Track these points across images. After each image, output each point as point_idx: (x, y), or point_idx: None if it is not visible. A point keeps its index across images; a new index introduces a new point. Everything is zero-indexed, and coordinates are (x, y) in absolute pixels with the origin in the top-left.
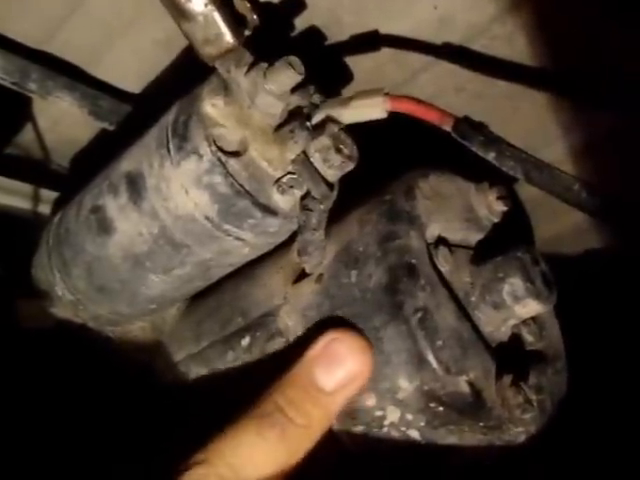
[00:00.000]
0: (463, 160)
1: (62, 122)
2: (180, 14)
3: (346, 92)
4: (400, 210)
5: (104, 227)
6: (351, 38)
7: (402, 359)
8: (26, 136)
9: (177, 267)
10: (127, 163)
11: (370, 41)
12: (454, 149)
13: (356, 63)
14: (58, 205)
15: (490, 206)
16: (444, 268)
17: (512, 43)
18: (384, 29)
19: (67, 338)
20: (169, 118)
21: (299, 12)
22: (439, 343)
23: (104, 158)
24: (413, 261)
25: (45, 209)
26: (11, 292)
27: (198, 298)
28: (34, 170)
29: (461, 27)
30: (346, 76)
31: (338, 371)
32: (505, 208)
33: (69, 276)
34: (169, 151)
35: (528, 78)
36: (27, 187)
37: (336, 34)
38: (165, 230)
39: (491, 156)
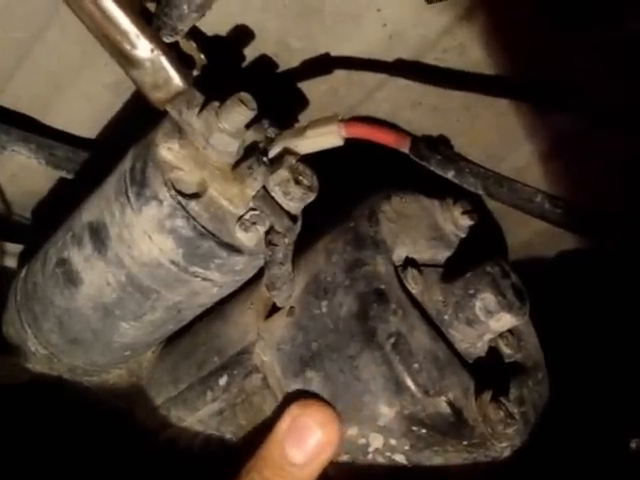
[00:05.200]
0: (427, 173)
1: (20, 174)
2: (127, 61)
3: (303, 118)
4: (364, 236)
5: (71, 279)
6: (302, 63)
7: (380, 385)
8: None
9: (148, 313)
10: (88, 213)
11: (322, 65)
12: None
13: (310, 88)
14: (23, 258)
15: (456, 222)
16: (414, 289)
17: (464, 54)
18: (335, 51)
19: (44, 392)
20: (125, 166)
21: (247, 42)
22: (415, 366)
23: (65, 207)
24: (382, 287)
25: (11, 263)
26: None
27: (172, 340)
28: None
29: (412, 42)
30: (301, 102)
31: (308, 444)
32: (471, 222)
33: (41, 330)
34: (129, 199)
35: (484, 87)
36: None
37: (287, 61)
38: (132, 277)
39: (450, 174)
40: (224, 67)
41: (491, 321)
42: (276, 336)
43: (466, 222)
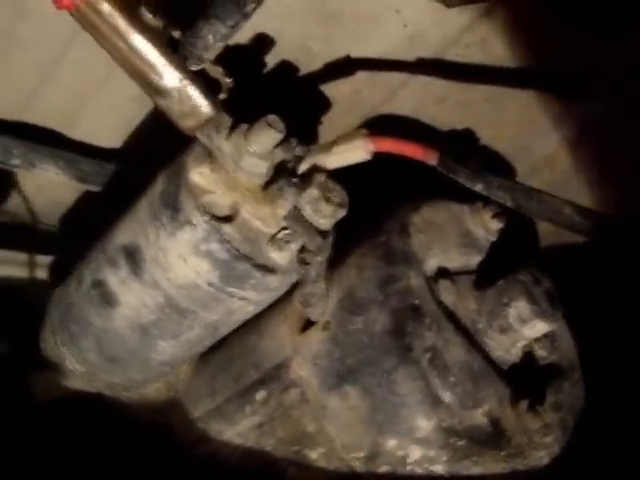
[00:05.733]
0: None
1: (48, 186)
2: (155, 92)
3: (327, 120)
4: (396, 251)
5: (107, 300)
6: (324, 67)
7: (417, 399)
8: (13, 202)
9: (185, 332)
10: (122, 236)
11: (344, 67)
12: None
13: (333, 90)
14: (53, 269)
15: (486, 226)
16: (448, 300)
17: (485, 49)
18: (356, 53)
19: (83, 408)
20: (157, 190)
21: (269, 49)
22: (451, 380)
23: (93, 217)
24: (416, 302)
25: (41, 274)
26: (21, 369)
27: (208, 352)
28: (25, 236)
29: (433, 41)
30: (325, 105)
31: None
32: (501, 225)
33: (79, 349)
34: (162, 223)
35: (507, 80)
36: (21, 255)
37: (308, 65)
38: (170, 299)
39: (479, 187)
40: (246, 75)
41: (525, 329)
42: (312, 351)
43: (496, 225)
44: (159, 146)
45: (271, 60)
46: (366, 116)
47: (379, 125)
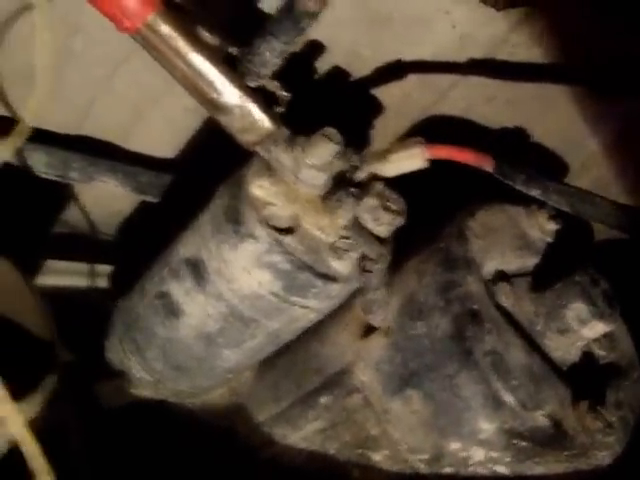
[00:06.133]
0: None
1: (105, 196)
2: (215, 109)
3: (378, 124)
4: (455, 256)
5: (172, 311)
6: (374, 71)
7: (479, 402)
8: (72, 213)
9: (248, 340)
10: (185, 249)
11: (394, 70)
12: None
13: (383, 93)
14: (113, 278)
15: (542, 227)
16: (506, 303)
17: (533, 47)
18: (406, 56)
19: (149, 414)
20: (218, 204)
21: (319, 55)
22: (513, 383)
23: (150, 226)
24: (475, 307)
25: (102, 283)
26: (86, 377)
27: (270, 359)
28: (85, 246)
29: (482, 41)
30: (376, 108)
31: None
32: (557, 227)
33: (145, 359)
34: (225, 236)
35: (555, 77)
36: (81, 265)
37: (359, 69)
38: (233, 309)
39: (535, 192)
40: (299, 83)
41: (584, 330)
42: (374, 356)
43: (552, 227)
44: (214, 156)
45: (322, 66)
46: (416, 118)
47: (429, 126)
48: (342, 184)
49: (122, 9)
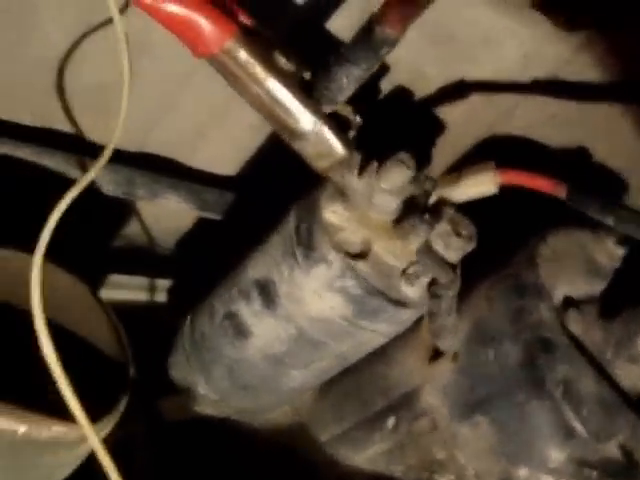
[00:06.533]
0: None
1: (166, 212)
2: (291, 135)
3: (441, 142)
4: (526, 283)
5: (241, 332)
6: (438, 90)
7: (550, 431)
8: (132, 228)
9: (316, 361)
10: (254, 271)
11: (457, 89)
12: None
13: (447, 112)
14: (171, 293)
15: (610, 253)
16: (576, 330)
17: (596, 69)
18: (469, 75)
19: (212, 430)
20: (290, 227)
21: (383, 74)
22: (585, 412)
23: (209, 243)
24: (547, 335)
25: (161, 297)
26: (150, 394)
27: (334, 379)
28: (144, 260)
29: (547, 60)
30: (439, 126)
31: None
32: (625, 251)
33: (211, 377)
34: (297, 260)
35: (617, 97)
36: (141, 279)
37: (423, 88)
38: (302, 331)
39: (609, 220)
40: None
41: None
42: (442, 380)
43: (620, 252)
44: (277, 174)
45: (385, 87)
46: (480, 137)
47: (492, 145)
48: (414, 209)
49: (199, 34)
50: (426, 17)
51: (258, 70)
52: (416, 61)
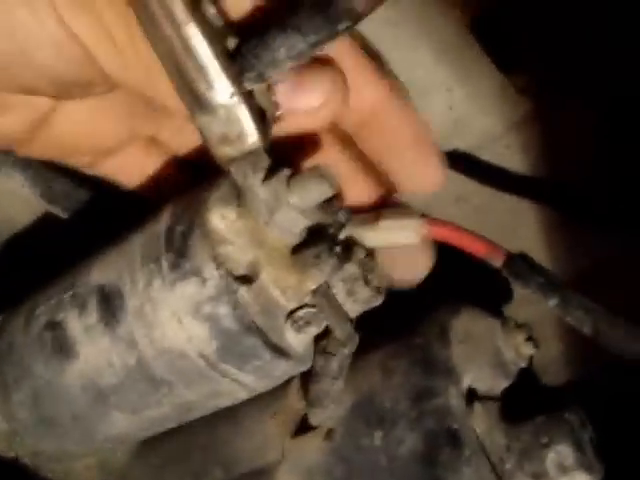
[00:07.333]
0: None
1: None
2: (197, 103)
3: None
4: (436, 360)
5: (63, 349)
6: None
7: None
8: None
9: (151, 407)
10: (100, 273)
11: None
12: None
13: None
14: None
15: (518, 349)
16: (479, 429)
17: (524, 153)
18: None
19: None
20: (161, 225)
21: None
22: None
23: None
24: (455, 426)
25: None
26: None
27: (160, 434)
28: None
29: (476, 132)
30: None
31: None
32: (534, 351)
33: (8, 401)
34: (160, 267)
35: (537, 194)
36: None
37: None
38: (143, 363)
39: (553, 302)
40: None
41: (562, 479)
42: (307, 461)
43: (529, 351)
44: None
45: None
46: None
47: None
48: (324, 240)
49: None
50: None
51: (179, 10)
52: None
